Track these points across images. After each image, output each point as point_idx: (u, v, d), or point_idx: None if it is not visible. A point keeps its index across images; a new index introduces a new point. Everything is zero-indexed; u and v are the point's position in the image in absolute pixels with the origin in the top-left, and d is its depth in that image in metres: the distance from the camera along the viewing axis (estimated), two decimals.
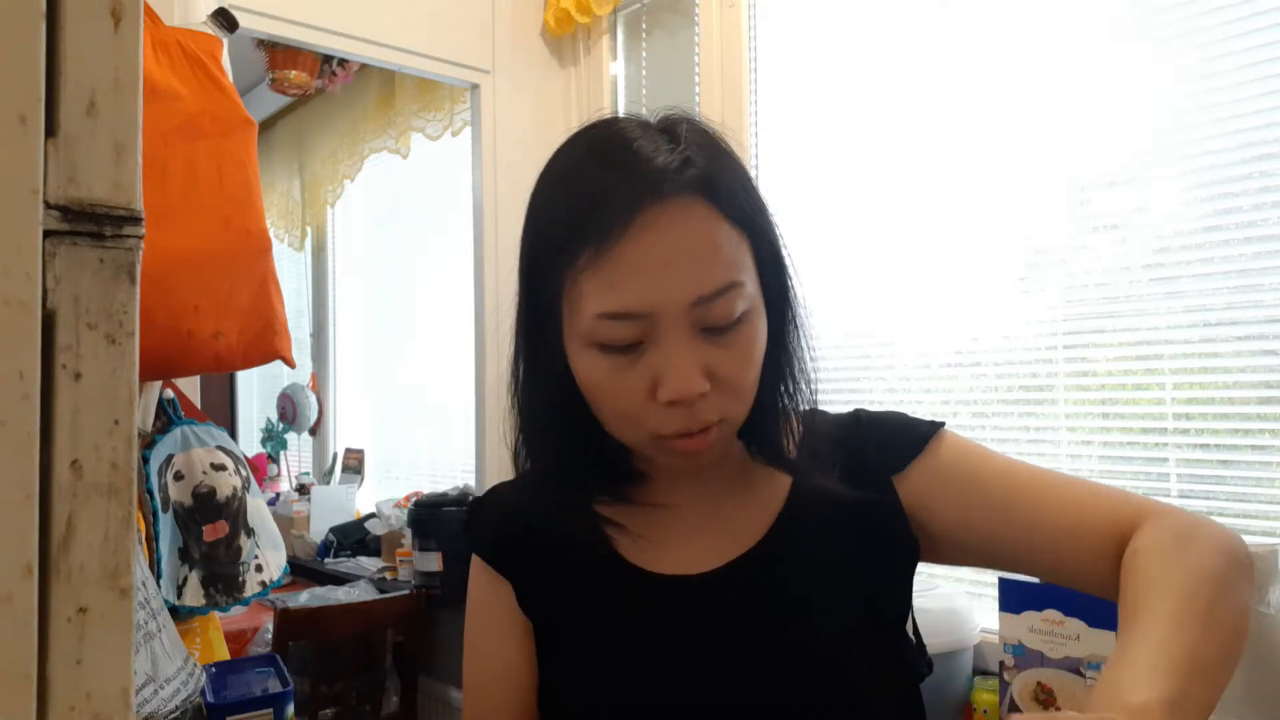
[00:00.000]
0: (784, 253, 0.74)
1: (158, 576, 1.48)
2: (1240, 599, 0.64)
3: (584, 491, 0.80)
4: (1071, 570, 0.72)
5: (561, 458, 0.78)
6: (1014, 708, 1.39)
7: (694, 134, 0.71)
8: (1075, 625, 1.33)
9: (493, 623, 0.83)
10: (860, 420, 0.81)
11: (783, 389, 0.76)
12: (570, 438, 0.77)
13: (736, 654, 0.73)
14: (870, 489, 0.77)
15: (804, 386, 0.77)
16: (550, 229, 0.71)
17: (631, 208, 0.65)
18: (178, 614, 1.50)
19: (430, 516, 2.84)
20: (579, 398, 0.73)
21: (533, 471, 0.81)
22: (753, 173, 2.14)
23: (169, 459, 1.54)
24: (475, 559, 0.86)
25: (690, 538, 0.78)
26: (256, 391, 4.71)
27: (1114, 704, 0.55)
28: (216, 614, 1.62)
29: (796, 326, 0.76)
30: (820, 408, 0.85)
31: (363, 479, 3.87)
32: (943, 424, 0.79)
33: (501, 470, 2.36)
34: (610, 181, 0.67)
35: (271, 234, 1.52)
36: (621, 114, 0.76)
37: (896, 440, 0.78)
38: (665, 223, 0.66)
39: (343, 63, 3.42)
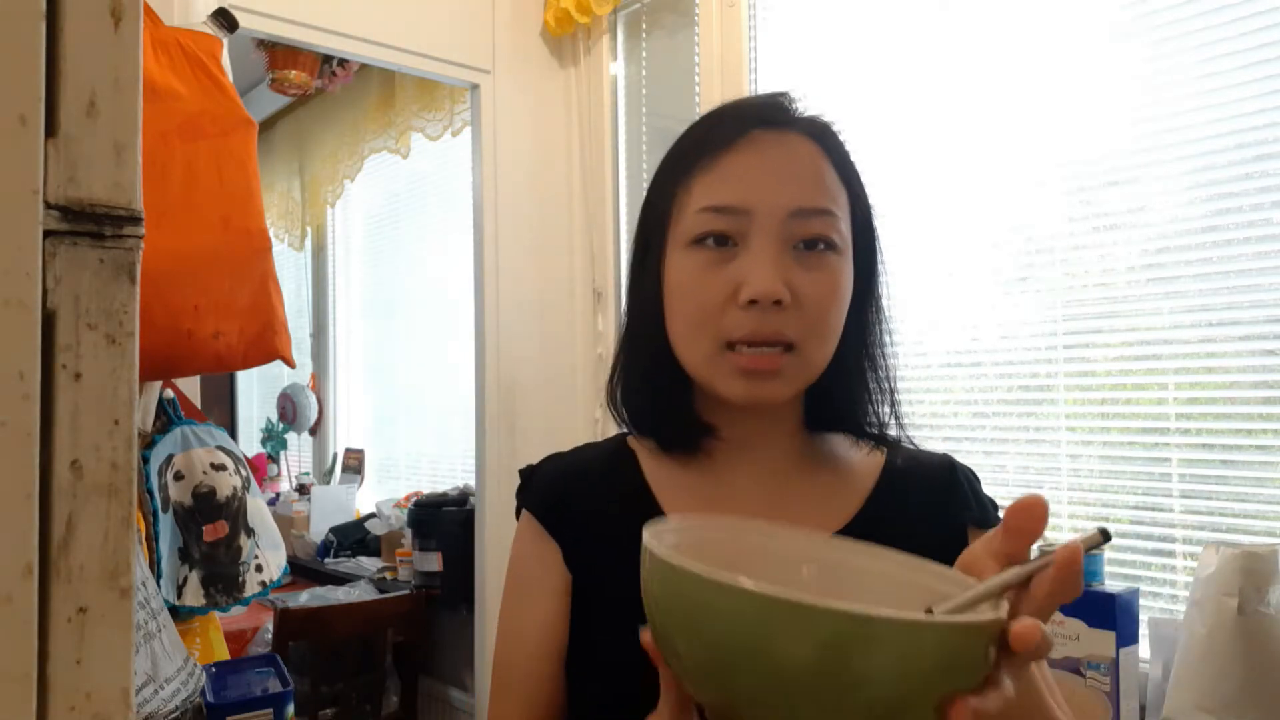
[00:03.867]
0: (877, 230, 0.80)
1: (158, 576, 1.48)
2: None
3: (632, 458, 0.83)
4: None
5: (644, 401, 0.81)
6: None
7: (818, 115, 0.79)
8: (1075, 625, 1.33)
9: (534, 580, 0.82)
10: (953, 462, 0.83)
11: (861, 357, 0.78)
12: (655, 379, 0.79)
13: None
14: (946, 526, 0.77)
15: (882, 361, 0.80)
16: (674, 153, 0.79)
17: (743, 128, 0.74)
18: (178, 614, 1.50)
19: (430, 516, 2.84)
20: (667, 348, 0.76)
21: (635, 415, 0.83)
22: None
23: (169, 459, 1.54)
24: (524, 519, 0.85)
25: (748, 515, 0.78)
26: (256, 391, 4.71)
27: None
28: (216, 614, 1.62)
29: (877, 311, 0.80)
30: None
31: (363, 479, 3.87)
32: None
33: (502, 470, 2.36)
34: (730, 112, 0.77)
35: (271, 234, 1.52)
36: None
37: (982, 501, 0.80)
38: (773, 144, 0.73)
39: (343, 63, 3.42)
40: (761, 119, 0.74)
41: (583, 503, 0.83)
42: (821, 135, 0.76)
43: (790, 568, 0.60)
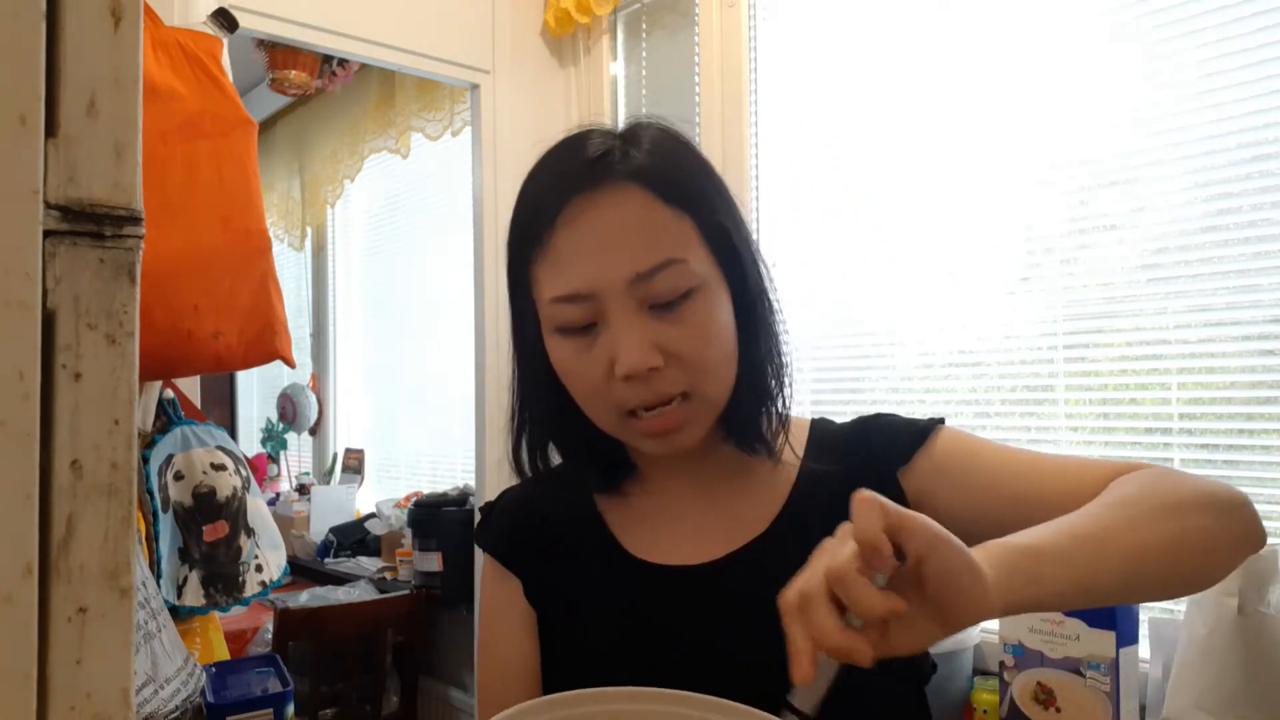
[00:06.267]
0: (741, 237, 0.77)
1: (158, 576, 1.48)
2: (1194, 522, 0.62)
3: (583, 484, 0.83)
4: None
5: (560, 450, 0.83)
6: (1014, 709, 1.39)
7: (647, 132, 0.76)
8: (1075, 625, 1.33)
9: (503, 618, 0.85)
10: (865, 422, 0.83)
11: (755, 370, 0.77)
12: (565, 430, 0.81)
13: (735, 644, 0.73)
14: (876, 485, 0.77)
15: (777, 367, 0.79)
16: (513, 230, 0.77)
17: (564, 198, 0.71)
18: (178, 614, 1.50)
19: (430, 516, 2.84)
20: (566, 391, 0.77)
21: (536, 470, 0.84)
22: (752, 173, 2.14)
23: (169, 459, 1.54)
24: (486, 559, 0.88)
25: (690, 528, 0.80)
26: (256, 391, 4.71)
27: (992, 543, 0.56)
28: (216, 614, 1.62)
29: (764, 309, 0.78)
30: (827, 416, 0.87)
31: (363, 479, 3.87)
32: (942, 419, 0.80)
33: (501, 470, 2.36)
34: (550, 178, 0.74)
35: (271, 234, 1.52)
36: (607, 121, 0.80)
37: (899, 436, 0.79)
38: (597, 208, 0.71)
39: (343, 63, 3.41)
40: (578, 183, 0.72)
41: (537, 536, 0.85)
42: (644, 174, 0.72)
43: None
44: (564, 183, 0.72)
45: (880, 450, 0.79)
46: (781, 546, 0.77)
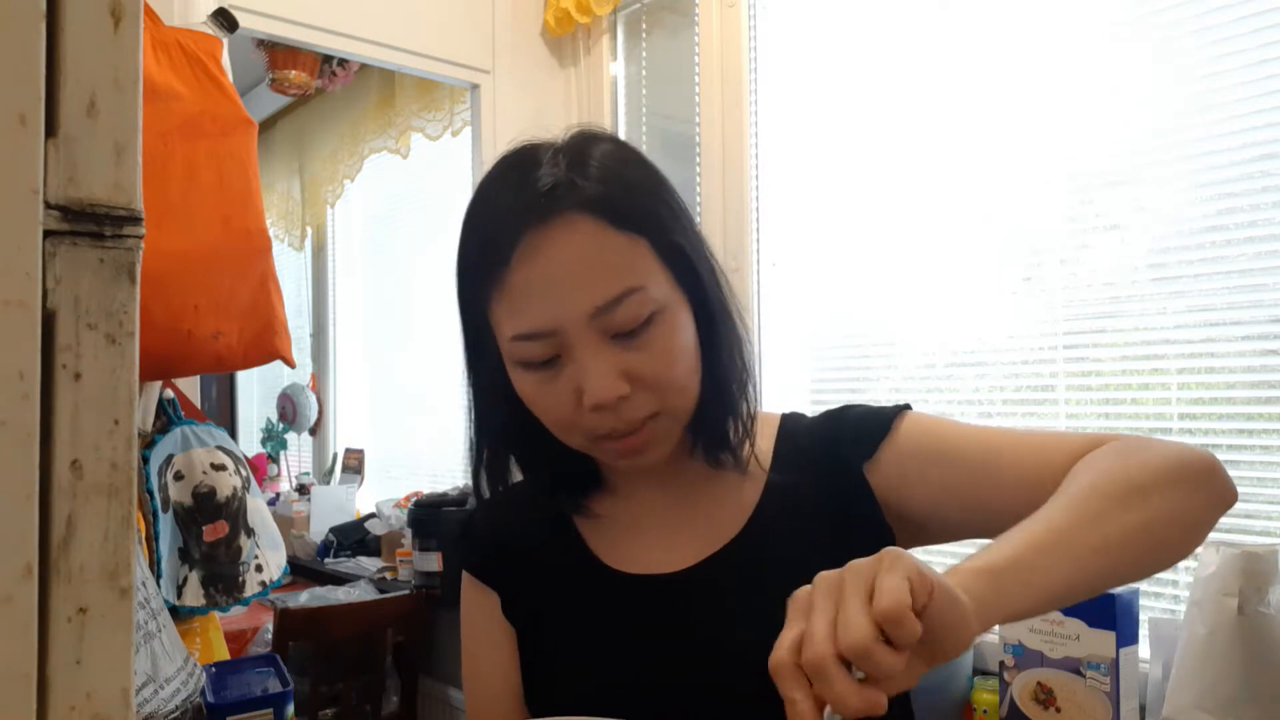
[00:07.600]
0: (696, 251, 0.75)
1: (158, 576, 1.48)
2: (1160, 503, 0.61)
3: (553, 499, 0.83)
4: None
5: (527, 472, 0.82)
6: (1014, 709, 1.39)
7: (595, 150, 0.73)
8: (1075, 625, 1.33)
9: (484, 633, 0.86)
10: (833, 417, 0.82)
11: (719, 380, 0.77)
12: (531, 448, 0.80)
13: (710, 651, 0.73)
14: (844, 482, 0.77)
15: (740, 373, 0.78)
16: (463, 262, 0.76)
17: (516, 234, 0.69)
18: (178, 614, 1.50)
19: (430, 516, 2.83)
20: (529, 415, 0.76)
21: (496, 494, 0.83)
22: (752, 173, 2.15)
23: (169, 459, 1.54)
24: (465, 574, 0.89)
25: (663, 537, 0.80)
26: (256, 391, 4.71)
27: (956, 569, 0.55)
28: (216, 614, 1.62)
29: (723, 318, 0.77)
30: (801, 411, 0.87)
31: (363, 479, 3.87)
32: (908, 406, 0.79)
33: None
34: (499, 212, 0.72)
35: (271, 234, 1.52)
36: (541, 137, 0.78)
37: (864, 429, 0.79)
38: (550, 243, 0.69)
39: (343, 63, 3.41)
40: (527, 217, 0.69)
41: (513, 550, 0.85)
42: (595, 203, 0.69)
43: None
44: (513, 217, 0.70)
45: (847, 447, 0.78)
46: (753, 550, 0.76)
